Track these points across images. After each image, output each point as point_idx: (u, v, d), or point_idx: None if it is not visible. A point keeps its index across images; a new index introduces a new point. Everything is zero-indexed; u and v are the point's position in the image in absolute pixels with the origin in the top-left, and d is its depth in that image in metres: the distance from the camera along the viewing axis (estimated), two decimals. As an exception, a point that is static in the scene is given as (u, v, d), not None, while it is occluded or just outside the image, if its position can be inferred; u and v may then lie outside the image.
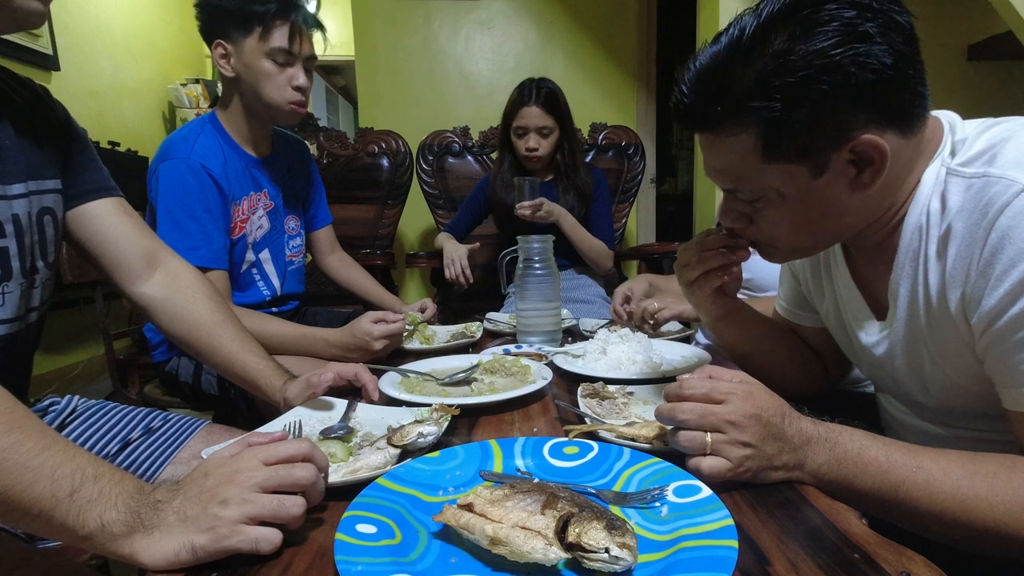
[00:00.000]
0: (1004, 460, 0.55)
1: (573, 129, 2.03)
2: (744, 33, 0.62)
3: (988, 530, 0.53)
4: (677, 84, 0.69)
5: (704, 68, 0.66)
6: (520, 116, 1.93)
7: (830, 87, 0.59)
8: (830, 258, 0.83)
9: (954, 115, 0.69)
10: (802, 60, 0.59)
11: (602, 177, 2.10)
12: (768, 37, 0.61)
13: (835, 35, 0.58)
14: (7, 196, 0.74)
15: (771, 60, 0.61)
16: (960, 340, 0.64)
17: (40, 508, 0.49)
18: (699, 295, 0.88)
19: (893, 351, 0.73)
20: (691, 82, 0.67)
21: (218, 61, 1.30)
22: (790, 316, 0.96)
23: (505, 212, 2.00)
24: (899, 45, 0.60)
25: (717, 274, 0.84)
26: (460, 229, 2.13)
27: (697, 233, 1.30)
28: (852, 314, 0.79)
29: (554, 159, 2.01)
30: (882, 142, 0.61)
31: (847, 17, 0.59)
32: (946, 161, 0.65)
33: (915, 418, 0.78)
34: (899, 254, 0.68)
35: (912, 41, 0.61)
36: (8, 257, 0.74)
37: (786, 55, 0.60)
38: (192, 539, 0.48)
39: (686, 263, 0.86)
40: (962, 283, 0.61)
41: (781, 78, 0.60)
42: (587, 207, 2.01)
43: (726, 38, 0.64)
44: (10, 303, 0.75)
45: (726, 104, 0.64)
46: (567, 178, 2.01)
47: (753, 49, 0.62)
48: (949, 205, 0.62)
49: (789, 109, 0.61)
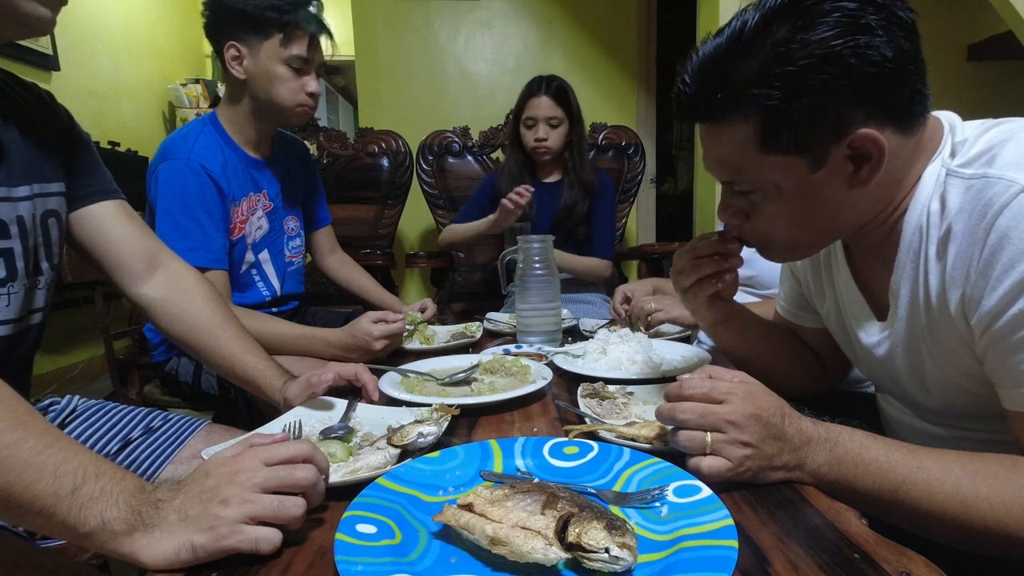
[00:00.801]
0: (1004, 460, 0.55)
1: (582, 127, 2.02)
2: (746, 25, 0.63)
3: (988, 530, 0.53)
4: (679, 75, 0.69)
5: (706, 58, 0.66)
6: (530, 107, 1.93)
7: (830, 77, 0.60)
8: (831, 258, 0.83)
9: (954, 116, 0.69)
10: (803, 49, 0.60)
11: (608, 181, 2.08)
12: (770, 28, 0.61)
13: (837, 26, 0.59)
14: (12, 198, 0.75)
15: (772, 49, 0.61)
16: (960, 341, 0.64)
17: (41, 505, 0.49)
18: (694, 302, 0.88)
19: (894, 351, 0.73)
20: (693, 73, 0.67)
21: (229, 62, 1.30)
22: (790, 316, 0.96)
23: None
24: (900, 40, 0.60)
25: (710, 281, 0.84)
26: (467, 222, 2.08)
27: (696, 235, 1.31)
28: (853, 314, 0.79)
29: (562, 155, 2.00)
30: (880, 137, 0.62)
31: (849, 9, 0.59)
32: (946, 162, 0.65)
33: (915, 418, 0.78)
34: (899, 255, 0.68)
35: (914, 38, 0.62)
36: (13, 257, 0.75)
37: (787, 44, 0.60)
38: (192, 538, 0.48)
39: (680, 270, 0.86)
40: (962, 283, 0.61)
41: (782, 67, 0.60)
42: (591, 203, 2.00)
43: (729, 30, 0.65)
44: (14, 303, 0.76)
45: (727, 93, 0.64)
46: (574, 173, 2.00)
47: (755, 40, 0.62)
48: (949, 206, 0.62)
49: (789, 98, 0.61)
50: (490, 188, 2.09)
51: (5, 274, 0.74)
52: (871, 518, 0.54)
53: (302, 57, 1.30)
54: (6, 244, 0.74)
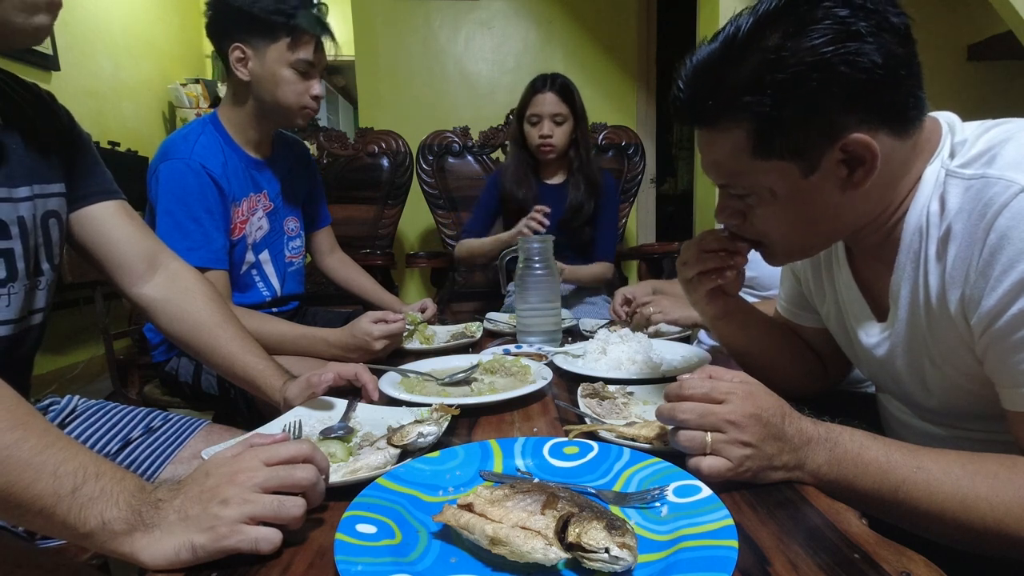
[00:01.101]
0: (1005, 460, 0.55)
1: (586, 125, 1.99)
2: (740, 31, 0.63)
3: (989, 530, 0.53)
4: (675, 80, 0.69)
5: (700, 64, 0.67)
6: (534, 103, 1.90)
7: (820, 84, 0.60)
8: (832, 259, 0.83)
9: (953, 116, 0.69)
10: (794, 57, 0.60)
11: (611, 181, 2.07)
12: (763, 34, 0.62)
13: (827, 32, 0.59)
14: (13, 199, 0.75)
15: (764, 56, 0.61)
16: (960, 341, 0.64)
17: (42, 505, 0.49)
18: (695, 295, 0.88)
19: (894, 352, 0.73)
20: (687, 78, 0.68)
21: (234, 64, 1.30)
22: (791, 316, 0.96)
23: (514, 206, 1.97)
24: (891, 45, 0.60)
25: (711, 277, 0.85)
26: (479, 229, 2.04)
27: (697, 233, 1.33)
28: (853, 315, 0.80)
29: (567, 154, 1.97)
30: (872, 142, 0.62)
31: (840, 16, 0.59)
32: (945, 163, 0.65)
33: (916, 419, 0.78)
34: (899, 255, 0.68)
35: (907, 43, 0.61)
36: (13, 258, 0.75)
37: (778, 51, 0.60)
38: (192, 538, 0.49)
39: (685, 260, 0.87)
40: (962, 284, 0.61)
41: (773, 74, 0.61)
42: (596, 203, 1.98)
43: (723, 35, 0.65)
44: (14, 304, 0.76)
45: (719, 99, 0.65)
46: (580, 173, 1.97)
47: (748, 46, 0.62)
48: (948, 206, 0.62)
49: (780, 106, 0.61)
50: (496, 191, 2.05)
51: (5, 275, 0.74)
52: (871, 518, 0.54)
53: (308, 61, 1.30)
54: (7, 245, 0.74)
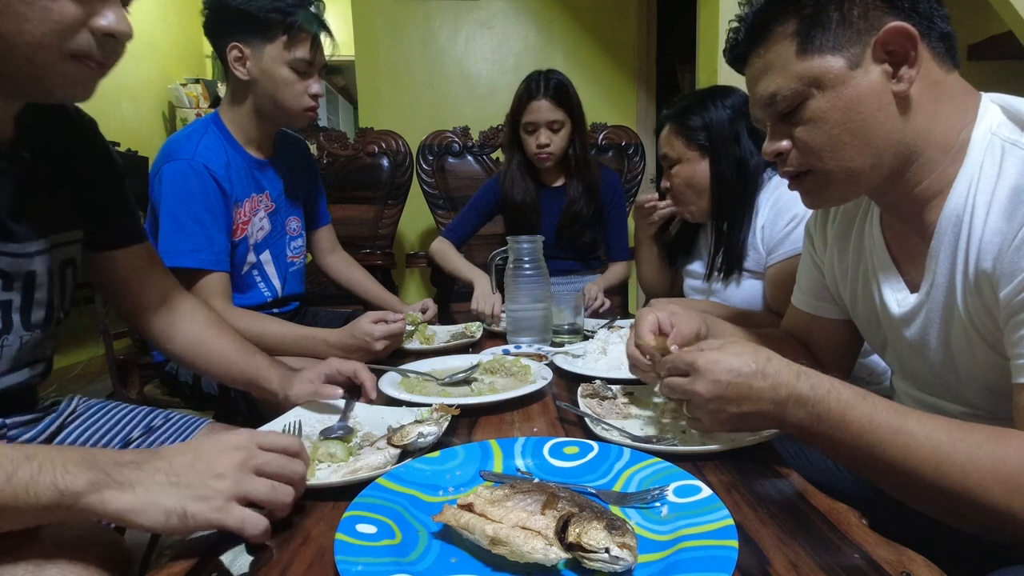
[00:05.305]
0: (995, 432, 0.55)
1: (584, 125, 1.91)
2: None
3: (960, 499, 0.53)
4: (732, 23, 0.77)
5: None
6: (529, 111, 1.79)
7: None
8: (865, 228, 0.83)
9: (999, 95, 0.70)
10: None
11: (615, 179, 2.03)
12: None
13: None
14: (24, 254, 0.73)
15: None
16: (989, 313, 0.64)
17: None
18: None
19: (925, 321, 0.73)
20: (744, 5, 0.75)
21: (232, 63, 1.30)
22: (810, 309, 0.96)
23: (516, 212, 1.92)
24: None
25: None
26: (462, 233, 1.98)
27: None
28: (888, 285, 0.79)
29: (565, 156, 1.89)
30: (911, 28, 0.65)
31: None
32: (998, 131, 0.65)
33: (933, 397, 0.78)
34: (942, 218, 0.68)
35: None
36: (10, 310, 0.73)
37: None
38: (186, 505, 0.49)
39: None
40: (994, 256, 0.61)
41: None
42: (596, 206, 1.93)
43: None
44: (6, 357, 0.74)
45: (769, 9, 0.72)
46: (578, 177, 1.91)
47: None
48: (1005, 175, 0.62)
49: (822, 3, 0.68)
50: (493, 196, 1.97)
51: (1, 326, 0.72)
52: (871, 518, 0.54)
53: (306, 59, 1.29)
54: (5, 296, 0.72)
